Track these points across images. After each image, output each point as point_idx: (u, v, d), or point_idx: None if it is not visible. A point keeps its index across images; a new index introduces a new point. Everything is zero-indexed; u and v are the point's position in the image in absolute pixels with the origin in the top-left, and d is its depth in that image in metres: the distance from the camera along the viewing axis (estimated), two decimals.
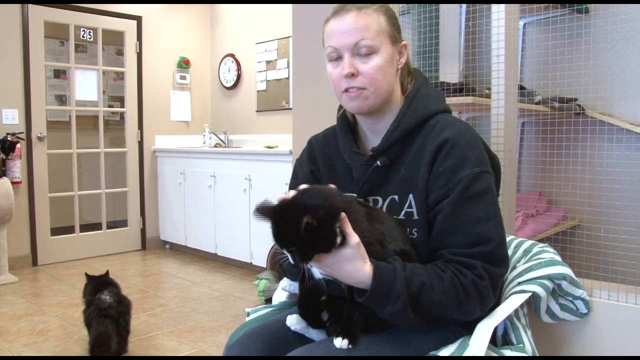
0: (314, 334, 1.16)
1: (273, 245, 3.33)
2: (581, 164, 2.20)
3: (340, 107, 1.36)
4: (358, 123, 1.30)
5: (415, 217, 1.17)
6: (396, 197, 1.20)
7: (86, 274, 2.70)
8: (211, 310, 3.22)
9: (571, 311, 1.45)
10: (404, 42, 1.23)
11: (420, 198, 1.16)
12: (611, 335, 1.45)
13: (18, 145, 4.02)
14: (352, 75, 1.15)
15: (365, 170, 1.23)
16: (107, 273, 2.71)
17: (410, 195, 1.18)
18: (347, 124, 1.31)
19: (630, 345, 1.44)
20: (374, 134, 1.26)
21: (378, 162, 1.21)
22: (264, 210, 1.03)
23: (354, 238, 1.01)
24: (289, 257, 1.01)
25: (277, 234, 1.01)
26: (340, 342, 1.06)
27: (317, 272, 1.11)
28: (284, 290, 1.29)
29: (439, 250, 1.12)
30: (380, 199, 1.23)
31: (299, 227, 0.95)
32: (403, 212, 1.18)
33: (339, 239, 0.99)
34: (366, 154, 1.25)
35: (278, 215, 1.01)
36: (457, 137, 1.14)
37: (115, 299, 2.48)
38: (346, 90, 1.18)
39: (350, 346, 1.05)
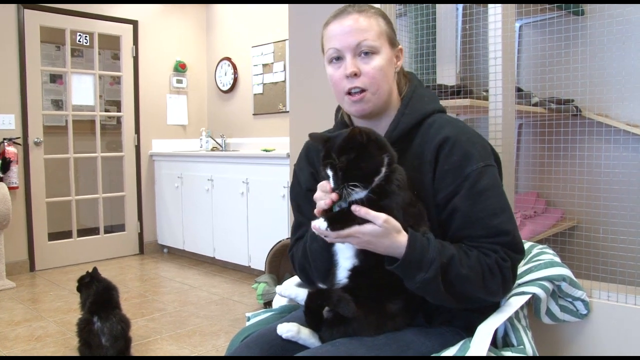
0: (307, 340, 1.15)
1: (271, 249, 3.32)
2: (579, 165, 2.21)
3: (338, 110, 1.37)
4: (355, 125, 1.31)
5: None
6: None
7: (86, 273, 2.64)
8: (210, 314, 3.22)
9: (571, 312, 1.45)
10: (400, 46, 1.27)
11: (425, 196, 1.17)
12: (611, 336, 1.45)
13: (14, 150, 4.00)
14: (355, 75, 1.17)
15: None
16: (95, 270, 2.62)
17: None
18: (345, 126, 1.31)
19: (631, 345, 1.44)
20: None
21: None
22: (319, 136, 1.13)
23: (380, 217, 1.03)
24: (331, 176, 1.05)
25: (329, 150, 1.06)
26: (318, 223, 1.03)
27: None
28: (280, 295, 1.28)
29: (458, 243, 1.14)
30: None
31: (355, 138, 1.03)
32: None
33: (383, 171, 1.05)
34: None
35: (333, 137, 1.09)
36: (457, 134, 1.16)
37: (114, 342, 2.36)
38: (349, 93, 1.20)
39: (328, 228, 1.03)
